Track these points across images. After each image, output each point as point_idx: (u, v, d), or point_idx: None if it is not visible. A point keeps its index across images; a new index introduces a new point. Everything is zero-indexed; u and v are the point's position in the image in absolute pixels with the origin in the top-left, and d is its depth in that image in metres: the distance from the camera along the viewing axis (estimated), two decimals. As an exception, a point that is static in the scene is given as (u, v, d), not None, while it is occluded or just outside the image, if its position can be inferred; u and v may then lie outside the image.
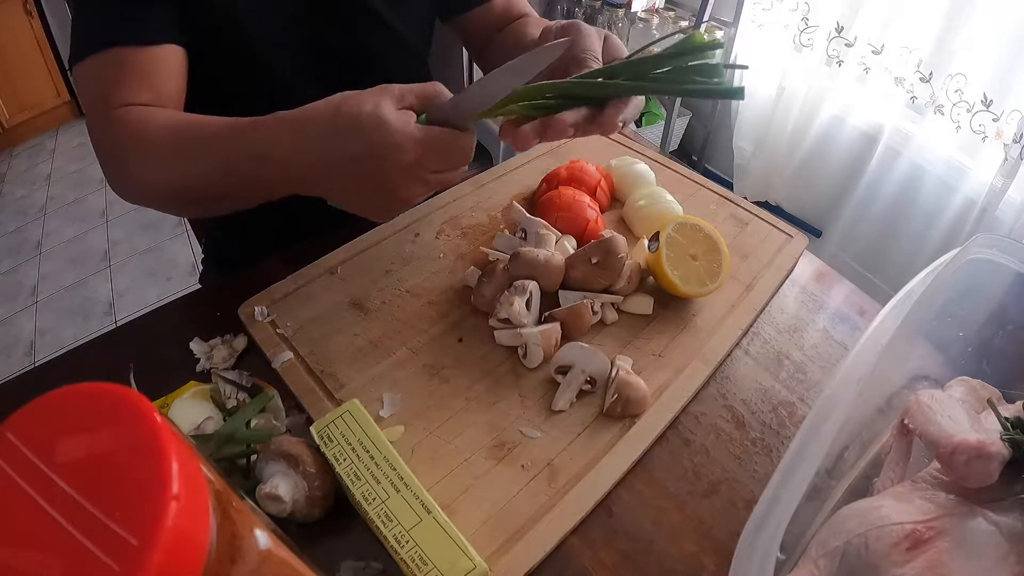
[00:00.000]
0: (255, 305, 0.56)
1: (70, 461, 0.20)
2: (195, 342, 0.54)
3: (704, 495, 0.46)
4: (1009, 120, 1.37)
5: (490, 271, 0.56)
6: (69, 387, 0.22)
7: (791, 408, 0.53)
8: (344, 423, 0.44)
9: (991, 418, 0.43)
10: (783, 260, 0.64)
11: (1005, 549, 0.36)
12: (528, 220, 0.62)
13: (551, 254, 0.56)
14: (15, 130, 2.61)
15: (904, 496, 0.40)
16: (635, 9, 1.92)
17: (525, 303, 0.53)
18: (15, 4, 2.35)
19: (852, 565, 0.37)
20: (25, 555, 0.19)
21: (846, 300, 0.64)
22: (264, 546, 0.25)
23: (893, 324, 0.42)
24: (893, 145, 1.61)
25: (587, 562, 0.42)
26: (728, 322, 0.57)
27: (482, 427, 0.48)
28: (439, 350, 0.54)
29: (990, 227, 1.44)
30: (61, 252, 2.11)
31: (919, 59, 1.51)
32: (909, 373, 0.52)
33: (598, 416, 0.50)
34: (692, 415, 0.52)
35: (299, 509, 0.40)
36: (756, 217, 0.70)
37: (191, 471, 0.21)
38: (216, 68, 0.60)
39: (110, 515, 0.19)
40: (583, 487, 0.45)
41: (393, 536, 0.39)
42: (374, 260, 0.62)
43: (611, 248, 0.55)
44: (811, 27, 1.72)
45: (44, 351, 1.77)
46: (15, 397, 0.24)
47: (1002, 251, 0.48)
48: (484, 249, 0.62)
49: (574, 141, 0.80)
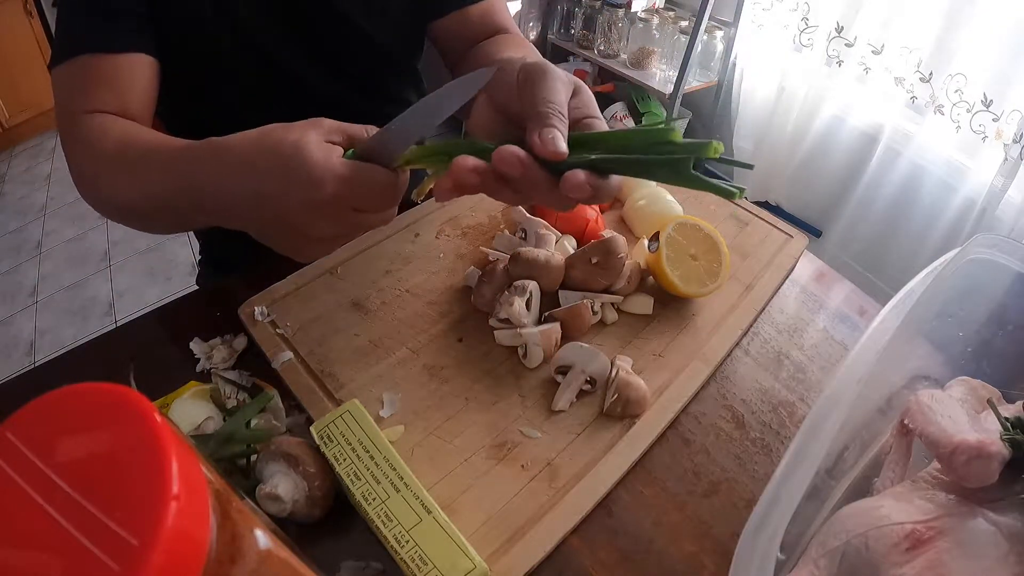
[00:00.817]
0: (255, 305, 0.56)
1: (70, 461, 0.20)
2: (195, 342, 0.54)
3: (704, 495, 0.46)
4: (1009, 120, 1.37)
5: (490, 271, 0.56)
6: (69, 387, 0.22)
7: (791, 408, 0.53)
8: (344, 423, 0.44)
9: (991, 418, 0.43)
10: (783, 260, 0.64)
11: (1005, 549, 0.36)
12: (528, 220, 0.62)
13: (551, 254, 0.56)
14: (15, 130, 2.61)
15: (904, 496, 0.40)
16: (635, 9, 1.92)
17: (525, 303, 0.53)
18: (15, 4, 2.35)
19: (852, 565, 0.37)
20: (25, 555, 0.19)
21: (846, 300, 0.64)
22: (264, 546, 0.25)
23: (893, 324, 0.42)
24: (893, 145, 1.61)
25: (587, 562, 0.42)
26: (728, 322, 0.57)
27: (482, 427, 0.48)
28: (439, 350, 0.54)
29: (990, 227, 1.45)
30: (61, 252, 2.11)
31: (919, 59, 1.51)
32: (909, 373, 0.52)
33: (598, 416, 0.50)
34: (692, 415, 0.52)
35: (299, 509, 0.40)
36: (756, 217, 0.70)
37: (191, 471, 0.21)
38: (189, 79, 0.61)
39: (110, 515, 0.19)
40: (583, 487, 0.45)
41: (393, 536, 0.39)
42: (374, 260, 0.62)
43: (611, 248, 0.55)
44: (811, 27, 1.72)
45: (44, 351, 1.77)
46: (15, 397, 0.24)
47: (1002, 251, 0.48)
48: (484, 249, 0.62)
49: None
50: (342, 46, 0.66)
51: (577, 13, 2.10)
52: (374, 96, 0.73)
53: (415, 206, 0.68)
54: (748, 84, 1.91)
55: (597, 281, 0.56)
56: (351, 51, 0.67)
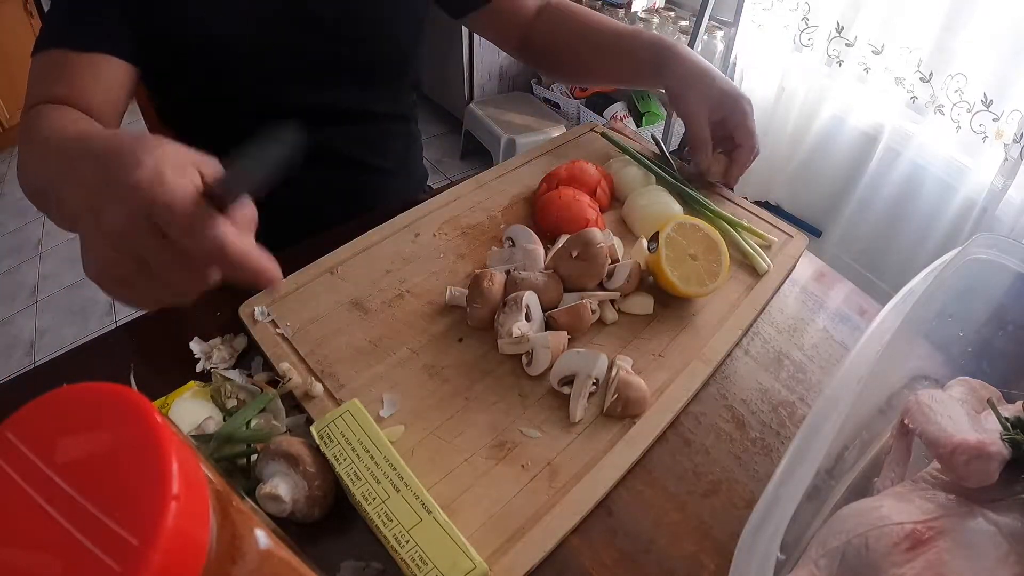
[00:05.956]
0: (255, 305, 0.56)
1: (70, 461, 0.20)
2: (195, 342, 0.54)
3: (704, 495, 0.46)
4: (1009, 120, 1.37)
5: (479, 292, 0.54)
6: (69, 387, 0.22)
7: (791, 408, 0.53)
8: (344, 423, 0.44)
9: (991, 418, 0.43)
10: (783, 260, 0.64)
11: (1005, 549, 0.36)
12: (517, 231, 0.61)
13: (548, 274, 0.56)
14: (15, 130, 2.61)
15: (904, 496, 0.40)
16: (635, 9, 1.92)
17: (524, 317, 0.52)
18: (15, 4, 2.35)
19: (852, 565, 0.37)
20: (25, 555, 0.19)
21: (846, 300, 0.64)
22: (264, 546, 0.25)
23: (893, 324, 0.42)
24: (893, 145, 1.61)
25: (587, 562, 0.42)
26: (728, 322, 0.57)
27: (482, 427, 0.48)
28: (439, 350, 0.54)
29: (990, 227, 1.44)
30: (61, 252, 2.11)
31: (919, 59, 1.51)
32: (909, 373, 0.52)
33: (598, 416, 0.50)
34: (692, 415, 0.52)
35: (299, 509, 0.40)
36: (756, 217, 0.70)
37: (191, 471, 0.21)
38: (176, 81, 0.63)
39: (110, 515, 0.19)
40: (583, 487, 0.45)
41: (393, 536, 0.39)
42: (374, 260, 0.62)
43: (588, 239, 0.55)
44: (811, 27, 1.72)
45: (44, 351, 1.77)
46: (15, 397, 0.24)
47: (1002, 251, 0.48)
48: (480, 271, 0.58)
49: (575, 142, 0.80)
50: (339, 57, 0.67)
51: (577, 13, 2.10)
52: (369, 99, 0.74)
53: (415, 206, 0.68)
54: (748, 84, 1.91)
55: (585, 277, 0.56)
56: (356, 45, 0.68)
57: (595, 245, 0.55)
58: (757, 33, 1.84)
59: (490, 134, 2.10)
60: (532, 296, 0.53)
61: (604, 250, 0.56)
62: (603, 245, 0.56)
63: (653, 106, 2.11)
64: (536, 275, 0.55)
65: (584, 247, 0.55)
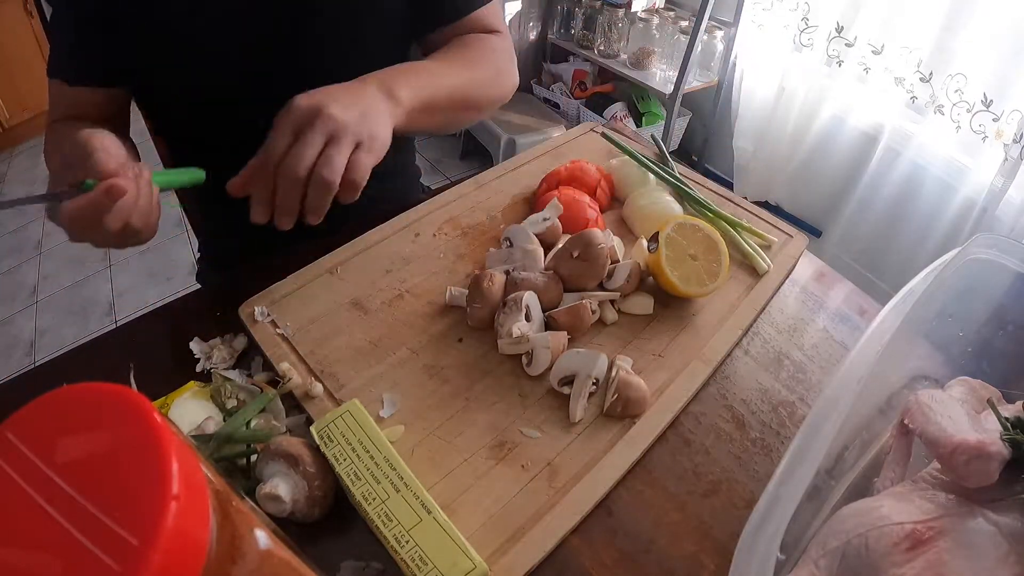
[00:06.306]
0: (255, 305, 0.56)
1: (70, 461, 0.20)
2: (195, 342, 0.54)
3: (704, 495, 0.46)
4: (1009, 120, 1.37)
5: (479, 292, 0.54)
6: (69, 387, 0.22)
7: (791, 408, 0.53)
8: (344, 423, 0.44)
9: (991, 418, 0.43)
10: (783, 260, 0.64)
11: (1005, 549, 0.36)
12: (516, 232, 0.61)
13: (548, 274, 0.56)
14: (15, 130, 2.61)
15: (904, 496, 0.40)
16: (635, 9, 1.92)
17: (524, 317, 0.52)
18: (15, 4, 2.35)
19: (852, 565, 0.37)
20: (25, 555, 0.19)
21: (846, 300, 0.64)
22: (264, 546, 0.25)
23: (893, 324, 0.42)
24: (893, 145, 1.61)
25: (587, 562, 0.42)
26: (728, 322, 0.57)
27: (482, 427, 0.48)
28: (439, 350, 0.54)
29: (990, 227, 1.44)
30: (61, 252, 2.11)
31: (919, 59, 1.51)
32: (909, 373, 0.52)
33: (598, 416, 0.49)
34: (692, 415, 0.52)
35: (299, 509, 0.40)
36: (756, 217, 0.70)
37: (191, 471, 0.21)
38: (167, 103, 0.68)
39: (110, 515, 0.19)
40: (583, 487, 0.45)
41: (393, 536, 0.39)
42: (374, 260, 0.62)
43: (589, 239, 0.55)
44: (811, 27, 1.72)
45: (44, 351, 1.77)
46: (15, 397, 0.24)
47: (1002, 251, 0.48)
48: (478, 271, 0.58)
49: (575, 142, 0.80)
50: (324, 63, 0.66)
51: (577, 13, 2.11)
52: None
53: (415, 206, 0.68)
54: (748, 84, 1.91)
55: (585, 277, 0.56)
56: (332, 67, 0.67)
57: (595, 245, 0.55)
58: (757, 33, 1.85)
59: (490, 134, 2.10)
60: (532, 296, 0.53)
61: (604, 250, 0.56)
62: (603, 246, 0.56)
63: (653, 106, 2.11)
64: (536, 275, 0.55)
65: (584, 247, 0.55)
